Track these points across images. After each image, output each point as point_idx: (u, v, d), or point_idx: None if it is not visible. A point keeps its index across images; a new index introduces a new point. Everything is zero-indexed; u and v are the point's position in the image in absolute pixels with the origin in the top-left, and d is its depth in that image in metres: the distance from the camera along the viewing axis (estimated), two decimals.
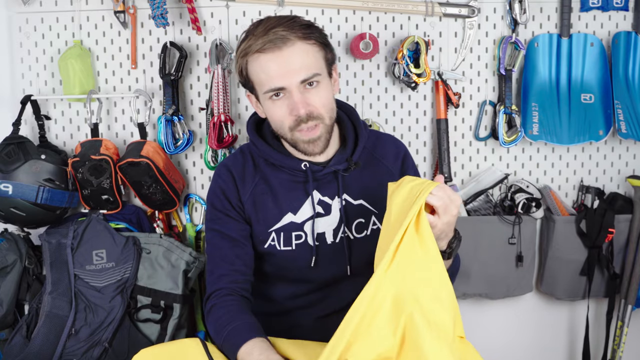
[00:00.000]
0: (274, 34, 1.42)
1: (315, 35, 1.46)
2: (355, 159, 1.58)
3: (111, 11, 2.10)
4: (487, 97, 2.19)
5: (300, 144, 1.50)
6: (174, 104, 2.08)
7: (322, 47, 1.48)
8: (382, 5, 2.10)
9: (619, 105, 2.11)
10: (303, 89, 1.45)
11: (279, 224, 1.58)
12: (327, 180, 1.58)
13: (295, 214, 1.58)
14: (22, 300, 2.08)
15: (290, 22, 1.45)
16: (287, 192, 1.58)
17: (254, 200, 1.59)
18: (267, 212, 1.58)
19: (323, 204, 1.58)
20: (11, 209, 1.99)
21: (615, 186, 2.25)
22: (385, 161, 1.64)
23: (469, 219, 2.15)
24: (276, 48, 1.42)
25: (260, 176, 1.60)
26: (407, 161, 1.67)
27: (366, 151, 1.63)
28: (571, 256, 2.16)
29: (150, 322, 2.00)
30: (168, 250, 2.03)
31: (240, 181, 1.60)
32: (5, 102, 2.17)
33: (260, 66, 1.45)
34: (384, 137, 1.70)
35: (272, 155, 1.57)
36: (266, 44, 1.42)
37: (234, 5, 2.11)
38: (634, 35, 2.12)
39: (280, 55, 1.43)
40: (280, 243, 1.58)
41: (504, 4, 2.13)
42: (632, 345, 2.27)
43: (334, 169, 1.56)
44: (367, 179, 1.61)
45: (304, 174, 1.56)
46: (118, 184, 2.04)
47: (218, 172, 1.64)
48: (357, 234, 1.60)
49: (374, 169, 1.63)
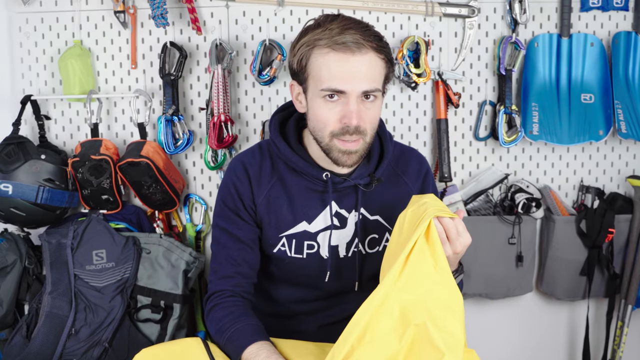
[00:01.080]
0: (351, 36, 1.37)
1: (385, 51, 1.42)
2: (378, 175, 1.53)
3: (111, 11, 2.10)
4: (487, 97, 2.19)
5: (335, 152, 1.44)
6: (174, 104, 2.08)
7: (387, 64, 1.44)
8: (382, 5, 2.10)
9: (619, 105, 2.11)
10: (360, 100, 1.40)
11: (291, 231, 1.54)
12: (346, 193, 1.54)
13: (310, 223, 1.54)
14: (22, 300, 2.08)
15: (366, 29, 1.40)
16: (304, 200, 1.53)
17: (268, 202, 1.54)
18: (281, 216, 1.53)
19: (339, 216, 1.54)
20: (11, 209, 1.99)
21: (615, 186, 2.25)
22: (407, 178, 1.60)
23: (469, 219, 2.15)
24: (349, 51, 1.37)
25: (277, 178, 1.54)
26: (427, 180, 1.63)
27: (389, 166, 1.58)
28: (571, 256, 2.16)
29: (150, 322, 2.00)
30: (168, 250, 2.03)
31: (255, 181, 1.54)
32: (5, 102, 2.17)
33: (326, 63, 1.39)
34: (408, 152, 1.65)
35: (294, 160, 1.51)
36: (340, 43, 1.36)
37: (234, 5, 2.11)
38: (634, 35, 2.12)
39: (352, 59, 1.37)
40: (292, 250, 1.55)
41: (504, 4, 2.13)
42: (632, 345, 2.27)
43: (355, 182, 1.51)
44: (385, 195, 1.57)
45: (325, 183, 1.51)
46: (118, 184, 2.04)
47: (234, 167, 1.57)
48: (370, 249, 1.58)
49: (393, 185, 1.59)
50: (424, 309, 1.18)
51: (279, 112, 1.60)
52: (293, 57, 1.46)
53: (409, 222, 1.28)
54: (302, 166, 1.50)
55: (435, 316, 1.18)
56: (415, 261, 1.20)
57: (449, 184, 2.16)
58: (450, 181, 2.15)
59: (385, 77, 1.45)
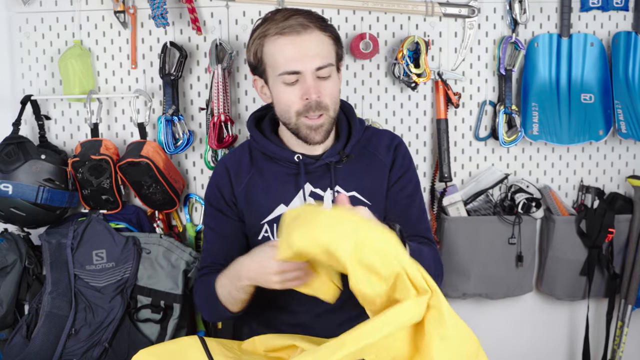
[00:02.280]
0: (295, 20, 1.49)
1: (330, 29, 1.54)
2: (348, 151, 1.62)
3: (111, 11, 2.10)
4: (487, 97, 2.19)
5: (303, 129, 1.54)
6: (174, 104, 2.08)
7: (335, 41, 1.55)
8: (382, 5, 2.10)
9: (619, 105, 2.11)
10: (316, 78, 1.50)
11: (271, 215, 1.62)
12: (320, 173, 1.61)
13: (288, 205, 1.61)
14: (22, 300, 2.08)
15: (307, 13, 1.52)
16: (280, 184, 1.62)
17: (247, 192, 1.64)
18: (260, 203, 1.62)
19: (315, 195, 1.61)
20: (11, 209, 1.99)
21: (615, 186, 2.25)
22: (379, 154, 1.67)
23: (469, 219, 2.15)
24: (295, 33, 1.48)
25: (255, 169, 1.65)
26: (399, 150, 1.69)
27: (360, 145, 1.66)
28: (571, 256, 2.16)
29: (150, 322, 2.00)
30: (168, 250, 2.03)
31: (235, 175, 1.65)
32: (5, 102, 2.17)
33: (277, 49, 1.50)
34: (381, 132, 1.74)
35: (268, 147, 1.62)
36: (286, 28, 1.48)
37: (234, 5, 2.11)
38: (634, 35, 2.12)
39: (299, 39, 1.48)
40: (274, 234, 1.62)
41: (504, 4, 2.13)
42: (632, 345, 2.27)
43: (326, 161, 1.60)
44: (360, 172, 1.64)
45: (297, 165, 1.60)
46: (118, 184, 2.04)
47: (215, 168, 1.72)
48: None
49: (367, 162, 1.65)
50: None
51: (256, 111, 1.73)
52: (248, 53, 1.57)
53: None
54: (275, 151, 1.61)
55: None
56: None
57: (449, 184, 2.16)
58: (450, 181, 2.15)
59: (337, 54, 1.56)
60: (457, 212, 2.15)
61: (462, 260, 2.14)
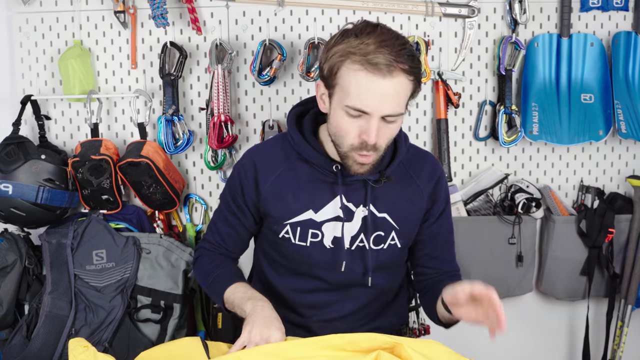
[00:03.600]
0: (384, 58, 1.34)
1: (416, 71, 1.40)
2: (389, 173, 1.55)
3: (111, 11, 2.10)
4: (487, 97, 2.19)
5: (351, 161, 1.46)
6: (174, 104, 2.08)
7: (415, 83, 1.42)
8: (382, 5, 2.10)
9: (619, 105, 2.11)
10: (381, 120, 1.41)
11: (296, 218, 1.57)
12: (355, 187, 1.55)
13: (316, 212, 1.56)
14: (22, 300, 2.08)
15: (401, 48, 1.37)
16: (313, 189, 1.56)
17: (274, 189, 1.57)
18: (287, 203, 1.57)
19: (346, 209, 1.56)
20: (11, 209, 1.99)
21: (615, 186, 2.25)
22: (419, 180, 1.61)
23: (469, 219, 2.15)
24: (380, 73, 1.35)
25: (288, 166, 1.58)
26: (440, 184, 1.63)
27: (401, 166, 1.59)
28: (571, 256, 2.16)
29: (150, 322, 2.00)
30: (168, 250, 2.03)
31: (262, 170, 1.59)
32: (5, 102, 2.18)
33: (355, 80, 1.37)
34: (423, 155, 1.66)
35: (306, 150, 1.54)
36: (372, 63, 1.34)
37: (234, 5, 2.11)
38: (634, 35, 2.12)
39: (382, 83, 1.36)
40: (296, 237, 1.58)
41: (504, 4, 2.13)
42: (632, 345, 2.27)
43: (364, 177, 1.53)
44: (395, 194, 1.58)
45: (334, 175, 1.54)
46: (118, 184, 2.04)
47: (243, 159, 1.64)
48: (374, 246, 1.58)
49: (405, 186, 1.59)
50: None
51: (297, 106, 1.63)
52: (325, 62, 1.44)
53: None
54: (313, 156, 1.54)
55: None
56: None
57: (449, 184, 2.16)
58: (450, 181, 2.15)
59: (411, 95, 1.44)
60: (457, 212, 2.15)
61: (462, 260, 2.12)
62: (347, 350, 1.27)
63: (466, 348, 1.96)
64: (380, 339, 1.27)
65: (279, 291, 1.65)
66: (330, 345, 1.26)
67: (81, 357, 1.22)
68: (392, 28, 1.43)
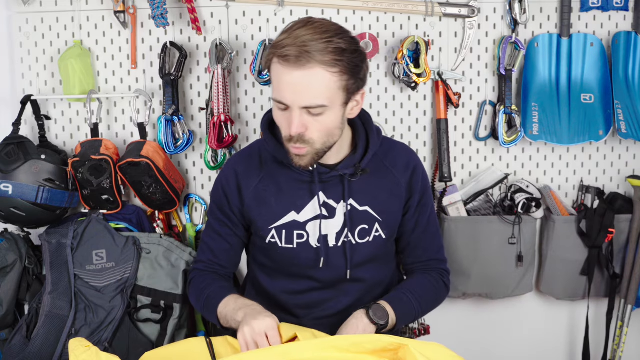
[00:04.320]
0: (296, 50, 1.36)
1: (343, 63, 1.39)
2: (364, 165, 1.57)
3: (111, 11, 2.10)
4: (487, 97, 2.19)
5: (291, 155, 1.51)
6: (174, 104, 2.08)
7: (346, 76, 1.41)
8: (382, 5, 2.10)
9: (619, 105, 2.11)
10: (305, 112, 1.42)
11: (280, 222, 1.59)
12: (333, 184, 1.58)
13: (299, 213, 1.59)
14: (22, 300, 2.08)
15: (326, 41, 1.38)
16: (292, 190, 1.59)
17: (256, 195, 1.61)
18: (269, 208, 1.59)
19: (327, 206, 1.58)
20: (11, 209, 1.99)
21: (615, 186, 2.25)
22: (395, 170, 1.63)
23: (469, 219, 2.15)
24: (290, 65, 1.37)
25: (266, 173, 1.61)
26: (416, 174, 1.65)
27: (377, 159, 1.62)
28: (571, 256, 2.16)
29: (150, 322, 2.00)
30: (168, 250, 2.03)
31: (244, 178, 1.62)
32: (5, 102, 2.18)
33: (275, 73, 1.42)
34: (398, 146, 1.69)
35: (280, 153, 1.57)
36: (288, 55, 1.37)
37: (234, 5, 2.11)
38: (634, 35, 2.12)
39: (296, 74, 1.38)
40: (282, 240, 1.60)
41: (504, 4, 2.13)
42: (632, 345, 2.28)
43: (340, 172, 1.56)
44: (374, 187, 1.61)
45: (311, 174, 1.57)
46: (118, 184, 2.04)
47: (224, 169, 1.69)
48: (360, 240, 1.60)
49: (382, 178, 1.62)
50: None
51: (270, 111, 1.63)
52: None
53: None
54: (288, 159, 1.55)
55: None
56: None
57: (449, 184, 2.16)
58: (450, 181, 2.15)
59: (344, 88, 1.43)
60: (457, 212, 2.15)
61: (462, 260, 2.14)
62: (352, 352, 1.27)
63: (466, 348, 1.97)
64: (385, 340, 1.27)
65: (272, 295, 1.67)
66: (335, 346, 1.26)
67: (83, 357, 1.22)
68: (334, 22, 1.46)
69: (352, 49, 1.42)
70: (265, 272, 1.69)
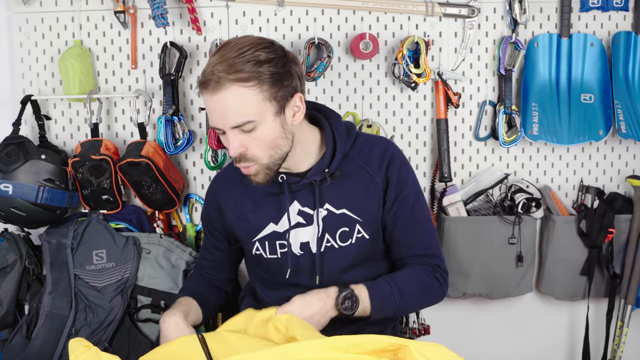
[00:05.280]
0: (211, 74, 1.39)
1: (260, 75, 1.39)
2: (332, 169, 1.55)
3: (111, 11, 2.10)
4: (487, 97, 2.19)
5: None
6: (174, 104, 2.08)
7: (267, 86, 1.40)
8: (382, 5, 2.10)
9: (619, 105, 2.11)
10: (238, 132, 1.43)
11: (261, 234, 1.61)
12: (306, 191, 1.57)
13: (277, 224, 1.59)
14: (22, 300, 2.07)
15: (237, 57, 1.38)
16: (268, 203, 1.60)
17: (235, 211, 1.65)
18: (249, 222, 1.62)
19: (304, 214, 1.58)
20: (11, 209, 1.99)
21: (615, 186, 2.25)
22: (369, 168, 1.59)
23: (469, 219, 2.15)
24: (209, 91, 1.40)
25: (243, 187, 1.63)
26: (392, 166, 1.59)
27: (349, 159, 1.59)
28: (571, 256, 2.16)
29: (150, 322, 2.00)
30: (168, 250, 2.03)
31: (221, 195, 1.67)
32: (5, 102, 2.18)
33: (205, 100, 1.45)
34: (372, 142, 1.63)
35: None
36: (206, 81, 1.40)
37: (234, 5, 2.11)
38: (634, 35, 2.12)
39: (213, 98, 1.41)
40: (266, 251, 1.62)
41: (504, 4, 2.13)
42: (632, 345, 2.28)
43: (310, 180, 1.55)
44: (350, 188, 1.58)
45: (280, 185, 1.57)
46: (118, 184, 2.04)
47: (209, 187, 1.74)
48: (342, 243, 1.59)
49: (357, 177, 1.59)
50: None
51: None
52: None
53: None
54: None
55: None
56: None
57: (449, 184, 2.16)
58: (450, 181, 2.15)
59: (271, 98, 1.41)
60: (457, 212, 2.15)
61: (462, 260, 2.14)
62: (351, 352, 1.27)
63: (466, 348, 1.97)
64: (385, 341, 1.27)
65: (270, 305, 1.65)
66: (334, 347, 1.26)
67: (83, 357, 1.22)
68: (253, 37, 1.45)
69: (269, 58, 1.41)
70: (261, 283, 1.71)
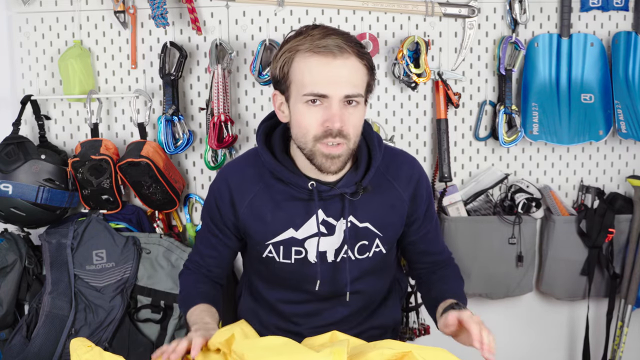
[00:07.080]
0: (332, 40, 1.36)
1: (367, 57, 1.42)
2: (365, 183, 1.51)
3: (111, 11, 2.10)
4: (487, 97, 2.19)
5: (319, 157, 1.41)
6: (174, 104, 2.08)
7: (369, 71, 1.43)
8: (382, 5, 2.10)
9: (619, 105, 2.11)
10: (343, 105, 1.39)
11: (278, 238, 1.53)
12: (333, 201, 1.52)
13: (297, 230, 1.53)
14: (22, 300, 2.08)
15: (346, 35, 1.40)
16: (291, 208, 1.52)
17: (252, 209, 1.54)
18: (266, 223, 1.53)
19: (327, 224, 1.53)
20: (11, 209, 1.99)
21: (615, 186, 2.25)
22: (397, 184, 1.57)
23: (469, 219, 2.15)
24: (331, 55, 1.36)
25: (263, 185, 1.53)
26: (419, 187, 1.59)
27: (378, 172, 1.55)
28: (571, 256, 2.16)
29: (150, 322, 2.00)
30: (168, 250, 2.03)
31: (238, 191, 1.54)
32: (5, 102, 2.18)
33: (308, 67, 1.38)
34: (400, 157, 1.62)
35: (278, 170, 1.49)
36: (322, 47, 1.36)
37: (234, 5, 2.11)
38: (634, 35, 2.12)
39: (334, 63, 1.36)
40: (280, 255, 1.55)
41: (504, 4, 2.13)
42: (632, 345, 2.27)
43: (341, 191, 1.49)
44: (376, 202, 1.54)
45: (310, 192, 1.50)
46: (118, 184, 2.04)
47: (217, 180, 1.60)
48: (359, 255, 1.56)
49: (384, 192, 1.56)
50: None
51: (265, 120, 1.58)
52: (274, 65, 1.45)
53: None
54: (287, 176, 1.49)
55: None
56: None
57: (449, 184, 2.16)
58: (450, 181, 2.15)
59: (368, 84, 1.43)
60: (457, 212, 2.15)
61: (462, 260, 2.13)
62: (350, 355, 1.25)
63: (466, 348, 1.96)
64: (388, 353, 1.24)
65: (270, 303, 1.65)
66: None
67: (85, 357, 1.21)
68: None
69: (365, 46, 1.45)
70: (262, 280, 1.66)
